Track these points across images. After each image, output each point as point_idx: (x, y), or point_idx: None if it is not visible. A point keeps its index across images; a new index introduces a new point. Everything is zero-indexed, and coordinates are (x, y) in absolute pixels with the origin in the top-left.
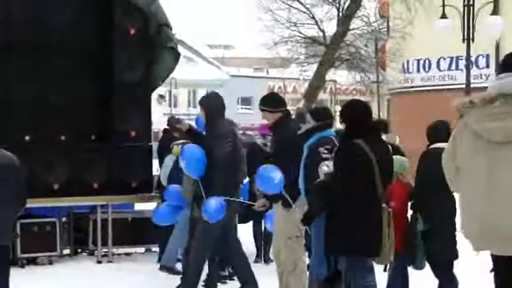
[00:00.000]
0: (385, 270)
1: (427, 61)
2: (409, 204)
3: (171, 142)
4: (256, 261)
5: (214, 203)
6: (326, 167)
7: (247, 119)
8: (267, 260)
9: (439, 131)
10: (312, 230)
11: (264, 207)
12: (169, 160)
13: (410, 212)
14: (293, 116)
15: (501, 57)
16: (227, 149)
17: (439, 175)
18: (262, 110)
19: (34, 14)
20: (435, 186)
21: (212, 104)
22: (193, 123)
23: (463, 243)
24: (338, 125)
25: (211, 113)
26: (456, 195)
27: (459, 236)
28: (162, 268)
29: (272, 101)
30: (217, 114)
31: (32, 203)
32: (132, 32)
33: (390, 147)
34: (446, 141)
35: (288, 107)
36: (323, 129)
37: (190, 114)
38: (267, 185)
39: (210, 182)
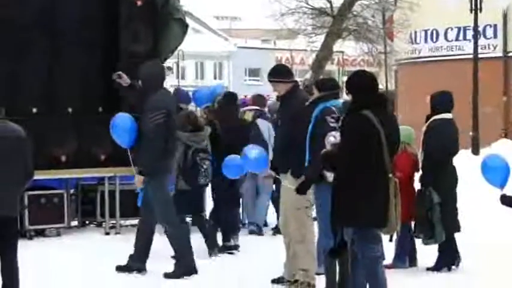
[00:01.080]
0: (390, 240)
1: (434, 31)
2: (416, 175)
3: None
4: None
5: (256, 152)
6: (333, 138)
7: (255, 90)
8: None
9: (444, 102)
10: (316, 202)
11: (270, 176)
12: None
13: (418, 184)
14: (301, 87)
15: (508, 27)
16: (158, 121)
17: (449, 146)
18: (271, 81)
19: None
20: (446, 158)
21: (146, 74)
22: None
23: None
24: (345, 96)
25: (145, 83)
26: (458, 167)
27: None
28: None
29: (282, 72)
30: (152, 84)
31: (39, 175)
32: (139, 3)
33: None
34: (449, 112)
35: (296, 79)
36: (328, 99)
37: (197, 85)
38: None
39: (139, 153)
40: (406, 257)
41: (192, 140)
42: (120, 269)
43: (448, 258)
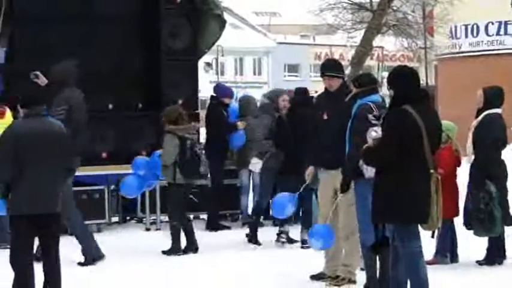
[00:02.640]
0: (432, 236)
1: (475, 26)
2: (458, 170)
3: (218, 108)
4: None
5: None
6: (374, 132)
7: (294, 86)
8: None
9: (496, 96)
10: (357, 198)
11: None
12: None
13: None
14: None
15: None
16: (59, 117)
17: (501, 140)
18: (326, 76)
19: None
20: (499, 152)
21: (55, 72)
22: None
23: None
24: (385, 91)
25: (55, 81)
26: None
27: None
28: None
29: (337, 67)
30: (59, 82)
31: (80, 171)
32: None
33: None
34: (499, 107)
35: None
36: (365, 95)
37: (237, 82)
38: None
39: None
40: (447, 252)
41: (189, 132)
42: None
43: (498, 252)
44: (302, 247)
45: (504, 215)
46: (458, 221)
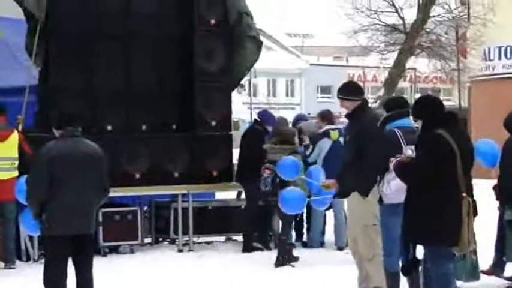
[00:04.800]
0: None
1: (508, 48)
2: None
3: (261, 134)
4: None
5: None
6: (410, 151)
7: (327, 107)
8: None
9: None
10: (381, 223)
11: (329, 189)
12: (325, 143)
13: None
14: (375, 105)
15: None
16: None
17: None
18: (341, 99)
19: (118, 5)
20: None
21: None
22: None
23: None
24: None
25: None
26: None
27: None
28: None
29: (351, 90)
30: None
31: (114, 192)
32: (213, 22)
33: None
34: None
35: (368, 95)
36: (393, 119)
37: (270, 103)
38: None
39: None
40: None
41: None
42: None
43: None
44: None
45: None
46: None
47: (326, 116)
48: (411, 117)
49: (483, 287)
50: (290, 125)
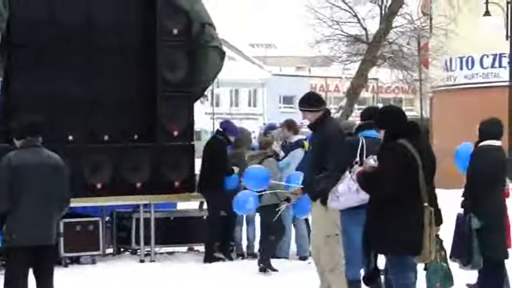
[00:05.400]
0: (425, 268)
1: (470, 58)
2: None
3: (223, 144)
4: None
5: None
6: (373, 161)
7: (290, 117)
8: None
9: (494, 129)
10: (343, 232)
11: (295, 196)
12: (298, 153)
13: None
14: (337, 115)
15: None
16: None
17: (493, 173)
18: (302, 110)
19: (80, 15)
20: (490, 184)
21: None
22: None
23: None
24: None
25: None
26: None
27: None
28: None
29: (311, 101)
30: None
31: (75, 203)
32: (175, 31)
33: None
34: (498, 139)
35: (330, 106)
36: (363, 129)
37: (232, 113)
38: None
39: None
40: None
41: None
42: None
43: (496, 285)
44: None
45: (496, 248)
46: None
47: (291, 125)
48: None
49: None
50: (256, 135)
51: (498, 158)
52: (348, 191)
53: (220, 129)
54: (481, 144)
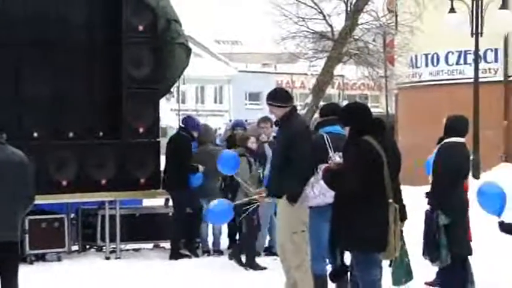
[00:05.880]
0: (390, 265)
1: (435, 55)
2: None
3: (187, 140)
4: None
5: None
6: (339, 158)
7: (255, 114)
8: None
9: (460, 125)
10: (310, 228)
11: (261, 197)
12: None
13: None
14: (303, 111)
15: (509, 51)
16: None
17: (459, 169)
18: (270, 105)
19: (45, 12)
20: (456, 180)
21: None
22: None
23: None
24: None
25: None
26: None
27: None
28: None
29: (279, 96)
30: None
31: (40, 200)
32: (141, 28)
33: None
34: (463, 136)
35: (296, 102)
36: (325, 125)
37: (198, 110)
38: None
39: None
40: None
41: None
42: None
43: (461, 282)
44: None
45: (460, 244)
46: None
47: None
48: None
49: None
50: (224, 131)
51: (464, 154)
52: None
53: (182, 125)
54: (447, 140)
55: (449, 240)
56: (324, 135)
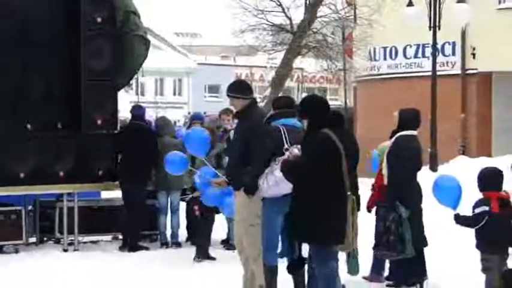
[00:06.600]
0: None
1: (393, 49)
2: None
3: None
4: None
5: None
6: (297, 150)
7: (215, 106)
8: None
9: (414, 118)
10: (264, 219)
11: (219, 187)
12: None
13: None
14: (262, 104)
15: (467, 45)
16: None
17: (415, 161)
18: (230, 97)
19: (2, 4)
20: (413, 173)
21: None
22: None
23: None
24: None
25: None
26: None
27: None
28: None
29: (240, 88)
30: None
31: None
32: (99, 20)
33: None
34: (415, 129)
35: (256, 95)
36: (280, 117)
37: (157, 102)
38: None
39: None
40: (382, 270)
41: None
42: None
43: (417, 274)
44: None
45: (417, 236)
46: None
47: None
48: (296, 118)
49: None
50: (181, 124)
51: (418, 147)
52: (283, 179)
53: (133, 114)
54: (401, 134)
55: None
56: (281, 127)
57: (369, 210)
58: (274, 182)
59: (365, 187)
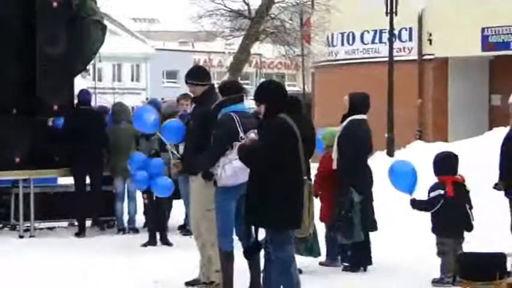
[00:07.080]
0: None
1: (351, 34)
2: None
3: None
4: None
5: None
6: (254, 134)
7: (173, 92)
8: None
9: (361, 103)
10: (216, 204)
11: (176, 168)
12: None
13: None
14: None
15: (424, 31)
16: None
17: (367, 145)
18: (188, 83)
19: None
20: (365, 157)
21: None
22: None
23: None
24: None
25: None
26: (373, 168)
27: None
28: None
29: (198, 74)
30: None
31: None
32: (55, 4)
33: None
34: (365, 113)
35: (214, 81)
36: (230, 104)
37: (115, 88)
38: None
39: None
40: (337, 255)
41: None
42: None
43: (364, 258)
44: None
45: (367, 221)
46: None
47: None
48: (245, 102)
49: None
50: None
51: (368, 130)
52: (241, 169)
53: (80, 100)
54: (352, 118)
55: (360, 216)
56: (233, 115)
57: (316, 196)
58: (233, 172)
59: (313, 171)
